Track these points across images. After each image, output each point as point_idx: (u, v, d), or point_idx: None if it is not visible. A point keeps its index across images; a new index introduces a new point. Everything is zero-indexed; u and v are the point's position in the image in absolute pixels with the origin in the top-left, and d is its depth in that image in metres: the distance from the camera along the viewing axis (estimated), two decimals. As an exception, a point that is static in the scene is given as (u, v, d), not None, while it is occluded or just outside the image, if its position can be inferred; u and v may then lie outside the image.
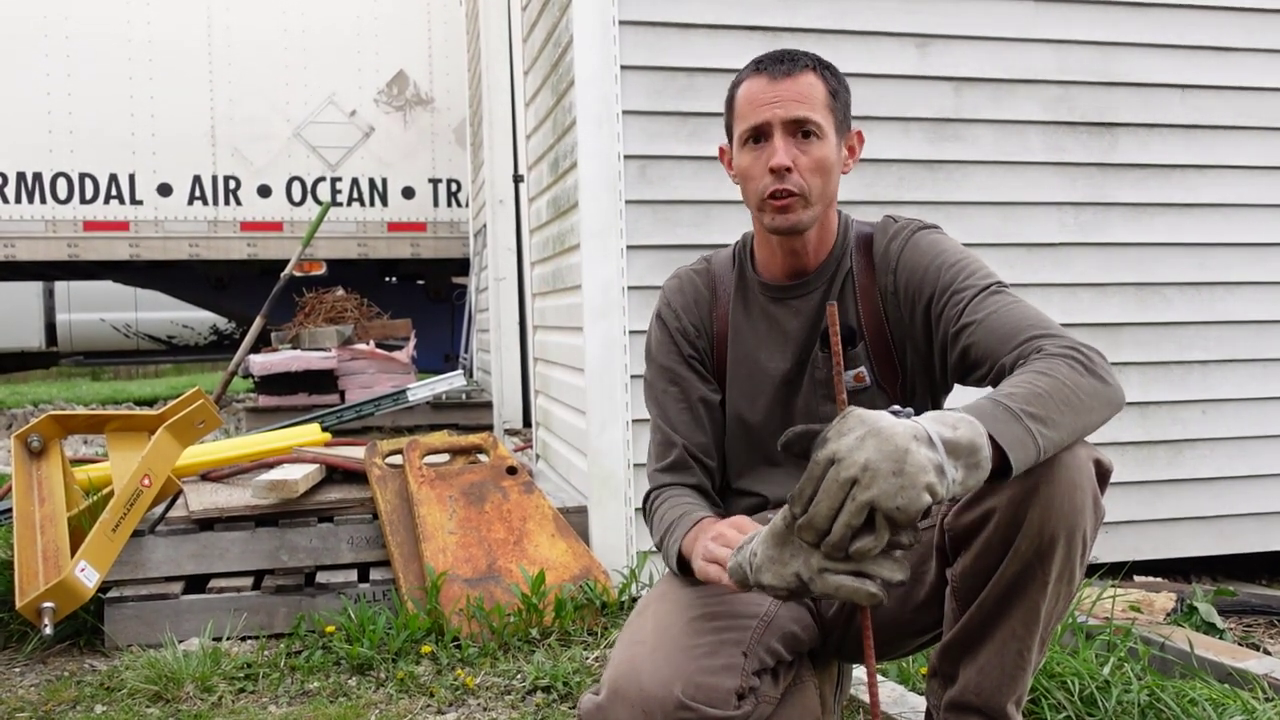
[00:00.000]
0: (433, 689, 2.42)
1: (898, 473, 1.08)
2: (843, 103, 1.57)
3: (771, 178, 1.52)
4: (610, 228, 3.07)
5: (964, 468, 1.14)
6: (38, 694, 2.47)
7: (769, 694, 1.42)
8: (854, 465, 1.09)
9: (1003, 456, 1.18)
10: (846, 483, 1.10)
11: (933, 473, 1.10)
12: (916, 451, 1.09)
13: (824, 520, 1.12)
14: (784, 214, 1.54)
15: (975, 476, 1.15)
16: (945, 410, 1.19)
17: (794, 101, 1.51)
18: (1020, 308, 1.45)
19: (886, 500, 1.08)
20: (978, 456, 1.15)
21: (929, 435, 1.12)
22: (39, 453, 3.03)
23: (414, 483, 3.04)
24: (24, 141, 7.87)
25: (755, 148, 1.55)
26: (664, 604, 1.50)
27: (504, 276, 5.69)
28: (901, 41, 3.24)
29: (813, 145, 1.52)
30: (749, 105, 1.55)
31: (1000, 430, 1.19)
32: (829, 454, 1.12)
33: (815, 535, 1.13)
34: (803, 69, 1.54)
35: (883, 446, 1.09)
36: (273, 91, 8.28)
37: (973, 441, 1.14)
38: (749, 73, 1.58)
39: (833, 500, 1.11)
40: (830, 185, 1.56)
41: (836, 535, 1.11)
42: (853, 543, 1.11)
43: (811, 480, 1.13)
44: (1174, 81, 3.43)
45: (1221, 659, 2.35)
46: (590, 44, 3.07)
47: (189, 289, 9.64)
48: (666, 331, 1.70)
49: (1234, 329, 3.49)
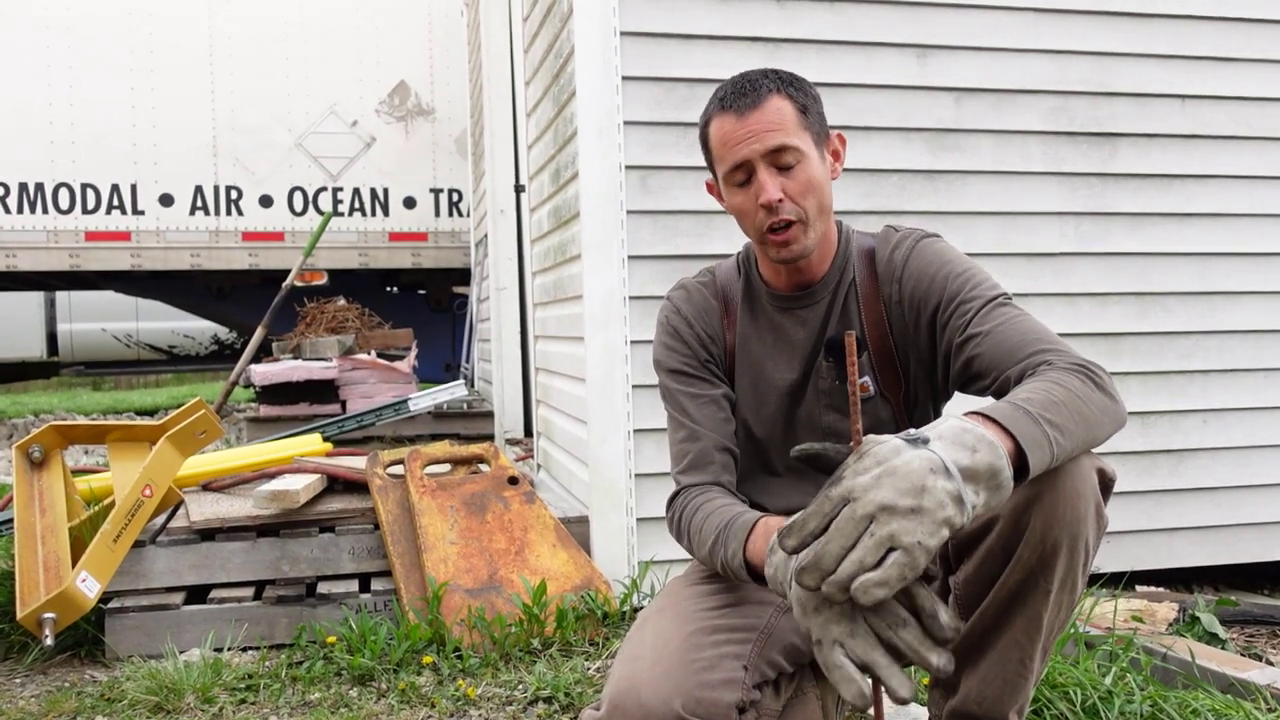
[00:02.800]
0: (434, 700, 2.41)
1: (916, 510, 1.07)
2: (815, 114, 1.55)
3: (765, 212, 1.51)
4: (611, 238, 3.07)
5: (985, 490, 1.12)
6: (38, 705, 2.47)
7: (770, 707, 1.42)
8: (871, 504, 1.07)
9: (1022, 457, 1.17)
10: (863, 520, 1.08)
11: (951, 506, 1.08)
12: (934, 486, 1.08)
13: (832, 560, 1.09)
14: (788, 246, 1.53)
15: (997, 497, 1.13)
16: (964, 427, 1.15)
17: (767, 132, 1.49)
18: (1027, 321, 1.45)
19: (905, 536, 1.06)
20: (999, 478, 1.13)
21: (945, 465, 1.09)
22: (40, 463, 3.03)
23: (415, 493, 3.04)
24: (26, 152, 7.90)
25: (742, 187, 1.54)
26: (663, 618, 1.49)
27: (505, 286, 5.70)
28: (902, 52, 3.25)
29: (797, 169, 1.51)
30: (724, 146, 1.53)
31: (1022, 431, 1.18)
32: (844, 492, 1.10)
33: (819, 576, 1.09)
34: (767, 95, 1.51)
35: (899, 484, 1.07)
36: (274, 102, 8.30)
37: (992, 465, 1.12)
38: (715, 111, 1.55)
39: (845, 539, 1.08)
40: (824, 200, 1.55)
41: (845, 573, 1.07)
42: (857, 579, 1.07)
43: (819, 515, 1.11)
44: (1173, 92, 3.44)
45: (1224, 669, 2.34)
46: (591, 55, 3.08)
47: (190, 299, 9.66)
48: (679, 338, 1.68)
49: (1235, 339, 3.49)
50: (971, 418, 1.19)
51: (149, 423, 3.20)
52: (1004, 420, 1.18)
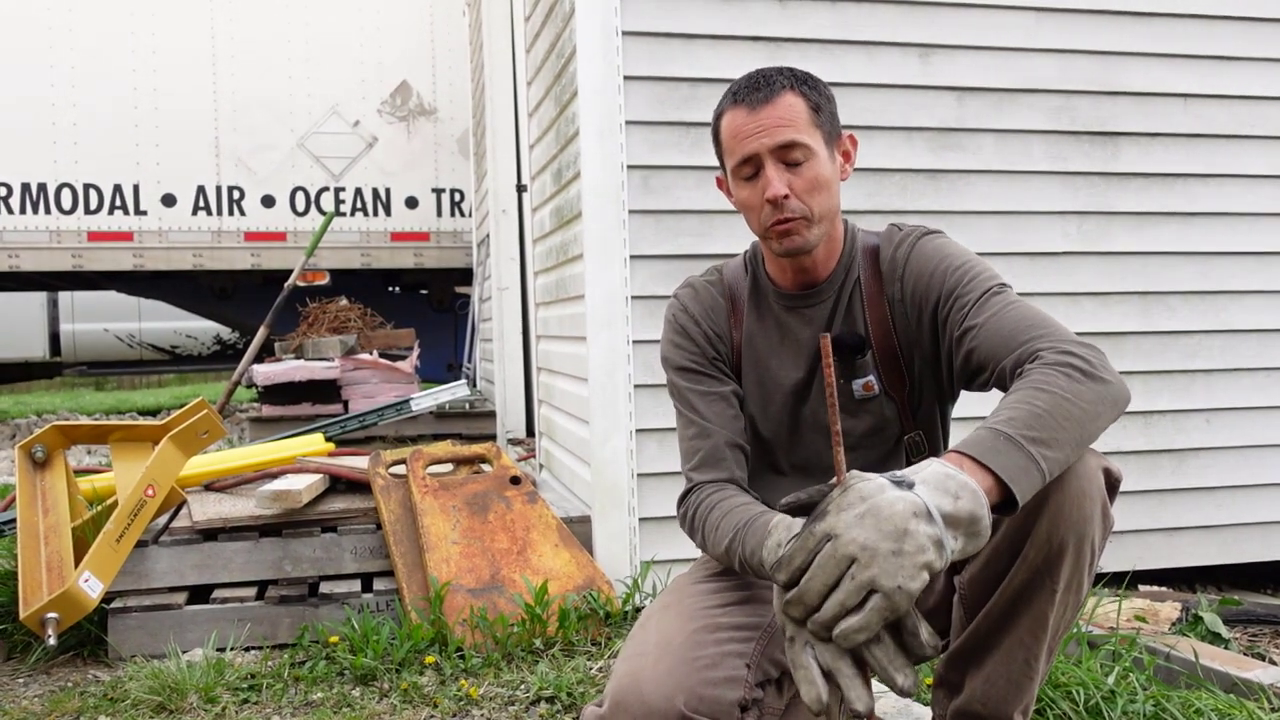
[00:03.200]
0: (436, 699, 2.41)
1: (897, 553, 1.08)
2: (827, 113, 1.55)
3: (771, 208, 1.51)
4: (613, 237, 3.07)
5: (964, 537, 1.13)
6: (41, 705, 2.47)
7: (773, 705, 1.41)
8: (852, 544, 1.09)
9: (1007, 491, 1.18)
10: (844, 560, 1.09)
11: (931, 550, 1.09)
12: (916, 530, 1.09)
13: (815, 597, 1.11)
14: (790, 238, 1.53)
15: (975, 544, 1.15)
16: (948, 473, 1.15)
17: (778, 127, 1.49)
18: (1018, 309, 1.44)
19: (886, 580, 1.07)
20: (978, 526, 1.14)
21: (928, 509, 1.11)
22: (43, 463, 3.03)
23: (417, 493, 3.03)
24: (28, 152, 7.90)
25: (750, 181, 1.54)
26: (667, 615, 1.49)
27: (507, 286, 5.70)
28: (904, 51, 3.25)
29: (805, 166, 1.51)
30: (734, 139, 1.54)
31: (1003, 464, 1.18)
32: (826, 529, 1.11)
33: (804, 610, 1.12)
34: (780, 91, 1.51)
35: (882, 526, 1.09)
36: (276, 102, 8.30)
37: (973, 513, 1.13)
38: (728, 104, 1.56)
39: (827, 577, 1.10)
40: (831, 199, 1.55)
41: (828, 614, 1.10)
42: (840, 623, 1.10)
43: (804, 551, 1.12)
44: (1176, 91, 3.43)
45: (1227, 669, 2.34)
46: (593, 54, 3.08)
47: (192, 299, 9.65)
48: (687, 336, 1.67)
49: (1238, 338, 3.48)
50: (953, 458, 1.19)
51: (151, 423, 3.20)
52: (985, 458, 1.18)
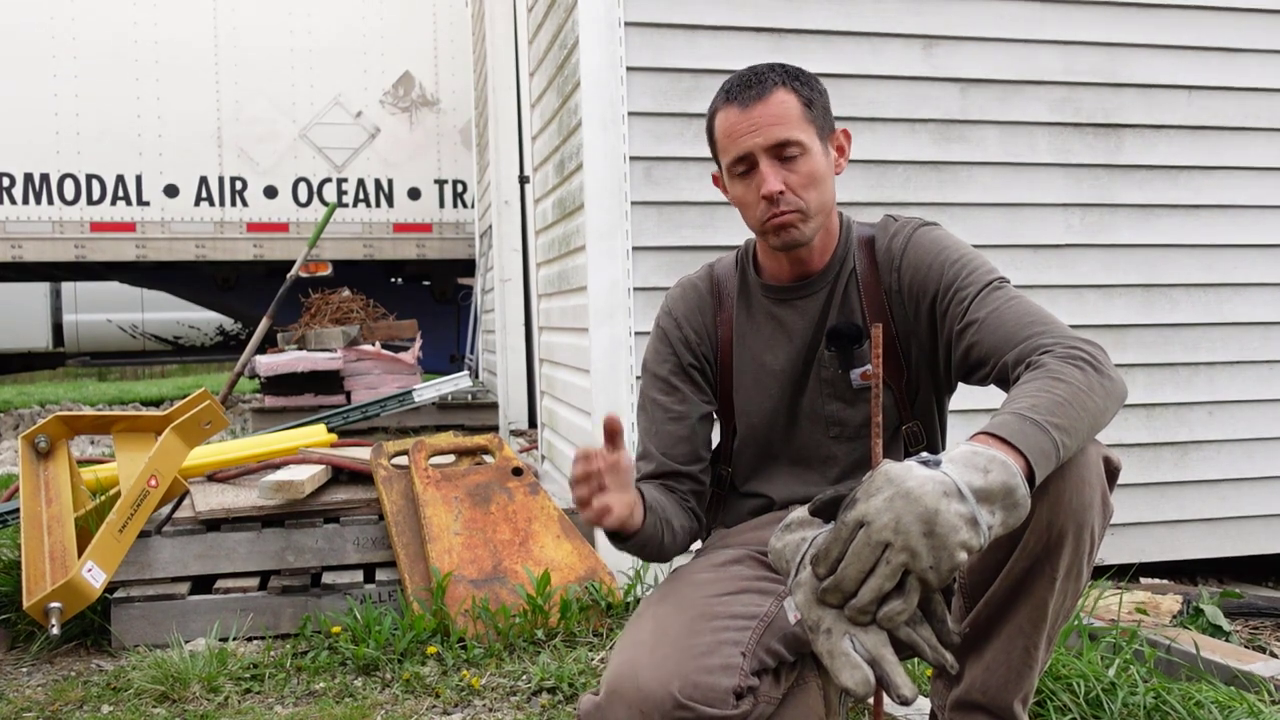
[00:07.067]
0: (438, 690, 2.42)
1: (929, 534, 1.08)
2: (820, 108, 1.56)
3: (766, 204, 1.53)
4: (616, 229, 3.07)
5: (1001, 509, 1.12)
6: (44, 694, 2.48)
7: (770, 694, 1.41)
8: (885, 529, 1.09)
9: (1031, 471, 1.18)
10: (878, 546, 1.09)
11: (965, 529, 1.09)
12: (946, 510, 1.08)
13: (852, 584, 1.11)
14: (786, 232, 1.55)
15: (1015, 515, 1.14)
16: (975, 449, 1.15)
17: (770, 125, 1.51)
18: (1020, 304, 1.45)
19: (920, 562, 1.08)
20: (1014, 496, 1.13)
21: (958, 487, 1.10)
22: (46, 453, 3.04)
23: (419, 484, 3.04)
24: (31, 142, 7.89)
25: (745, 178, 1.56)
26: (664, 605, 1.50)
27: (509, 277, 5.70)
28: (907, 42, 3.24)
29: (799, 162, 1.52)
30: (728, 138, 1.56)
31: (1029, 445, 1.19)
32: (858, 516, 1.11)
33: (841, 598, 1.12)
34: (772, 88, 1.53)
35: (913, 508, 1.08)
36: (279, 93, 8.30)
37: (1005, 483, 1.13)
38: (721, 103, 1.58)
39: (862, 564, 1.10)
40: (825, 194, 1.56)
41: (865, 599, 1.10)
42: (881, 607, 1.10)
43: (839, 542, 1.12)
44: (1180, 83, 3.42)
45: (1228, 661, 2.34)
46: (596, 45, 3.07)
47: (195, 290, 9.66)
48: (666, 341, 1.71)
49: (1241, 330, 3.48)
50: (979, 439, 1.19)
51: (154, 413, 3.20)
52: (1012, 437, 1.19)
